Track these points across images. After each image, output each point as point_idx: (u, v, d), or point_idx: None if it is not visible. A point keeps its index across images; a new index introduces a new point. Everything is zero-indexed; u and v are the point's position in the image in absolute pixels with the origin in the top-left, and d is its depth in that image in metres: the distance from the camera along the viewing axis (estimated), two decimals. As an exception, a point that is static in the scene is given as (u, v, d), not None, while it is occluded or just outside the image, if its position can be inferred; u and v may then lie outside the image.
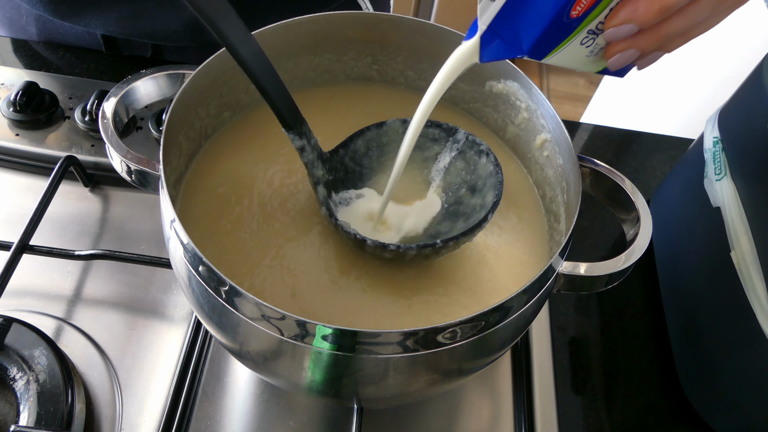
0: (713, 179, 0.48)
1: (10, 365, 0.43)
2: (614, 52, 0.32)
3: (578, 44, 0.32)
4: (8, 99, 0.59)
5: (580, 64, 0.34)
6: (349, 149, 0.43)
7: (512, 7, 0.30)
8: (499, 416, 0.48)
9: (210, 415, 0.46)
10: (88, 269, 0.53)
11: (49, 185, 0.52)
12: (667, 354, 0.54)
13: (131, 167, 0.39)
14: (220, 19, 0.32)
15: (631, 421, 0.50)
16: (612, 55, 0.32)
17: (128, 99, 0.43)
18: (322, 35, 0.47)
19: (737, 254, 0.44)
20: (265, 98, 0.36)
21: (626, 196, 0.41)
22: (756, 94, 0.46)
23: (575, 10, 0.30)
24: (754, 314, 0.42)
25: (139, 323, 0.50)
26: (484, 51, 0.33)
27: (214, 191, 0.43)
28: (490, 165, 0.41)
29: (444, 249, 0.38)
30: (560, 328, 0.54)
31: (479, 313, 0.32)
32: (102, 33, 0.65)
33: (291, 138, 0.38)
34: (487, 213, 0.39)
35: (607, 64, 0.33)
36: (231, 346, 0.37)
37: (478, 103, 0.49)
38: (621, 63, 0.33)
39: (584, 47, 0.32)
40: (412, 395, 0.41)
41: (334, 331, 0.31)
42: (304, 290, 0.39)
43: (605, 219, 0.63)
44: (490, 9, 0.31)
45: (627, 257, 0.38)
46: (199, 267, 0.33)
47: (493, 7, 0.31)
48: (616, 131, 0.72)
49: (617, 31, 0.31)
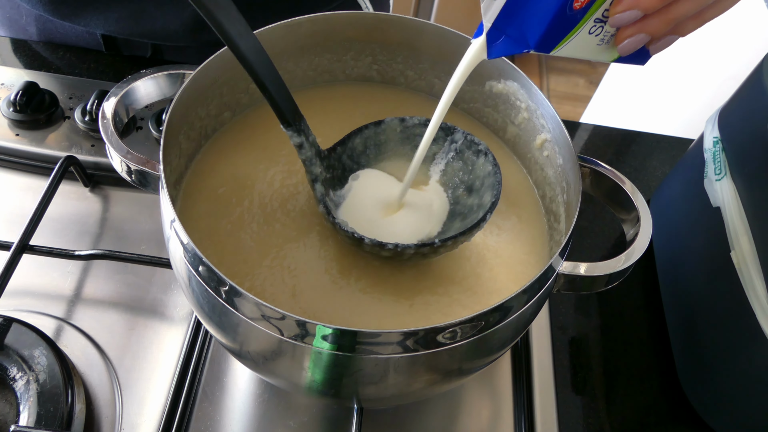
0: (713, 179, 0.48)
1: (10, 365, 0.43)
2: (623, 37, 0.32)
3: (586, 34, 0.32)
4: (8, 99, 0.59)
5: (592, 54, 0.34)
6: (346, 147, 0.43)
7: (514, 5, 0.31)
8: (499, 416, 0.48)
9: (210, 415, 0.46)
10: (88, 269, 0.53)
11: (49, 185, 0.52)
12: (667, 354, 0.54)
13: (131, 167, 0.39)
14: (220, 14, 0.32)
15: (631, 421, 0.50)
16: (621, 40, 0.33)
17: (128, 99, 0.43)
18: (322, 35, 0.47)
19: (737, 254, 0.44)
20: (264, 94, 0.36)
21: (626, 196, 0.41)
22: (756, 94, 0.46)
23: (578, 2, 0.30)
24: (754, 314, 0.42)
25: (139, 323, 0.50)
26: (491, 48, 0.33)
27: (215, 191, 0.43)
28: (489, 165, 0.41)
29: (442, 248, 0.38)
30: (560, 328, 0.54)
31: (479, 313, 0.32)
32: (102, 33, 0.65)
33: (289, 135, 0.38)
34: (485, 213, 0.39)
35: (617, 49, 0.33)
36: (231, 346, 0.37)
37: (478, 103, 0.49)
38: (631, 48, 0.33)
39: (594, 36, 0.33)
40: (412, 395, 0.41)
41: (334, 331, 0.31)
42: (304, 290, 0.39)
43: (605, 219, 0.63)
44: (493, 7, 0.31)
45: (627, 257, 0.38)
46: (199, 267, 0.33)
47: (496, 6, 0.31)
48: (616, 131, 0.72)
49: (622, 17, 0.31)
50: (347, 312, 0.38)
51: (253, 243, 0.41)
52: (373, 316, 0.38)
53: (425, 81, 0.51)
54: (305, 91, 0.49)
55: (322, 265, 0.40)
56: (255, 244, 0.41)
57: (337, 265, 0.40)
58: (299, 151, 0.39)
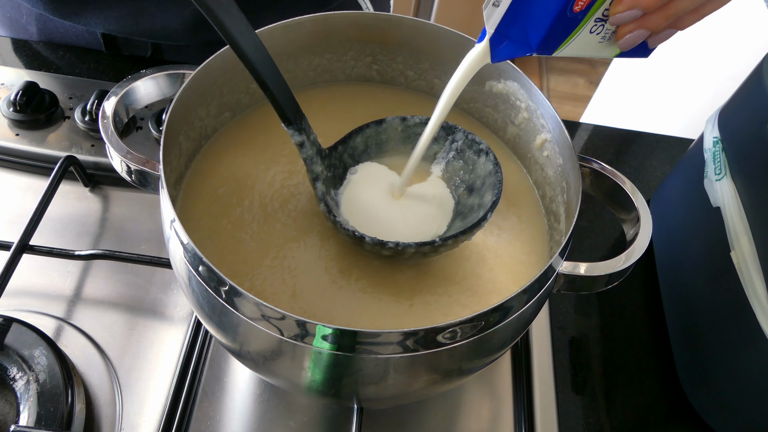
0: (713, 179, 0.48)
1: (10, 365, 0.43)
2: (623, 33, 0.33)
3: (588, 33, 0.33)
4: (8, 99, 0.59)
5: (595, 52, 0.35)
6: (348, 146, 0.43)
7: (516, 11, 0.32)
8: (499, 416, 0.48)
9: (210, 415, 0.46)
10: (88, 269, 0.53)
11: (49, 185, 0.52)
12: (667, 354, 0.54)
13: (131, 167, 0.39)
14: (221, 11, 0.32)
15: (631, 421, 0.50)
16: (622, 36, 0.33)
17: (128, 99, 0.43)
18: (322, 35, 0.47)
19: (737, 254, 0.44)
20: (265, 92, 0.36)
21: (626, 196, 0.41)
22: (756, 94, 0.46)
23: (578, 5, 0.31)
24: (754, 314, 0.42)
25: (139, 323, 0.50)
26: (495, 52, 0.34)
27: (215, 192, 0.43)
28: (490, 164, 0.41)
29: (443, 247, 0.38)
30: (560, 328, 0.54)
31: (479, 313, 0.32)
32: (102, 32, 0.65)
33: (290, 133, 0.38)
34: (486, 212, 0.39)
35: (618, 45, 0.34)
36: (231, 346, 0.37)
37: (478, 103, 0.49)
38: (632, 43, 0.34)
39: (595, 35, 0.33)
40: (412, 395, 0.41)
41: (334, 331, 0.31)
42: (304, 290, 0.39)
43: (605, 219, 0.63)
44: (495, 14, 0.32)
45: (627, 257, 0.38)
46: (199, 267, 0.33)
47: (498, 12, 0.32)
48: (616, 131, 0.72)
49: (623, 16, 0.32)
50: (347, 312, 0.38)
51: (253, 243, 0.41)
52: (373, 316, 0.38)
53: (425, 81, 0.51)
54: (305, 91, 0.49)
55: (322, 265, 0.40)
56: (255, 244, 0.41)
57: (337, 264, 0.40)
58: (300, 150, 0.39)
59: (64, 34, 0.69)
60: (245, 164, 0.45)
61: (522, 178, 0.48)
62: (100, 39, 0.67)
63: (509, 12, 0.32)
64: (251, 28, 0.33)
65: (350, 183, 0.43)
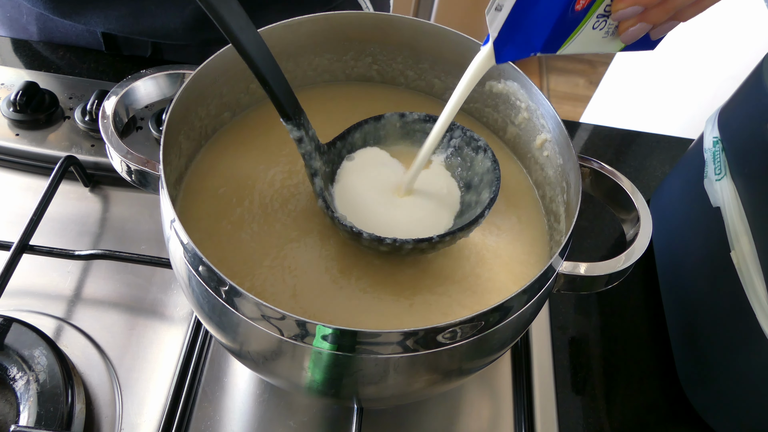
0: (713, 179, 0.48)
1: (10, 365, 0.43)
2: (625, 28, 0.34)
3: (590, 29, 0.33)
4: (8, 99, 0.59)
5: (599, 47, 0.35)
6: (346, 142, 0.43)
7: (518, 15, 0.32)
8: (499, 416, 0.48)
9: (210, 415, 0.46)
10: (88, 269, 0.53)
11: (49, 185, 0.52)
12: (667, 354, 0.54)
13: (131, 167, 0.39)
14: (222, 7, 0.32)
15: (631, 421, 0.50)
16: (624, 30, 0.34)
17: (128, 99, 0.43)
18: (322, 35, 0.47)
19: (737, 254, 0.44)
20: (264, 87, 0.36)
21: (626, 196, 0.41)
22: (756, 94, 0.46)
23: (579, 4, 0.31)
24: (754, 314, 0.42)
25: (139, 323, 0.50)
26: (499, 54, 0.35)
27: (215, 191, 0.43)
28: (488, 161, 0.41)
29: (440, 244, 0.38)
30: (560, 328, 0.54)
31: (479, 313, 0.32)
32: (102, 31, 0.65)
33: (289, 129, 0.38)
34: (483, 209, 0.39)
35: (620, 39, 0.35)
36: (231, 346, 0.37)
37: (478, 103, 0.49)
38: (634, 37, 0.34)
39: (598, 30, 0.34)
40: (412, 395, 0.41)
41: (334, 331, 0.31)
42: (304, 290, 0.39)
43: (605, 219, 0.63)
44: (497, 19, 0.33)
45: (627, 257, 0.38)
46: (199, 267, 0.33)
47: (500, 17, 0.33)
48: (616, 131, 0.72)
49: (625, 12, 0.32)
50: (347, 312, 0.38)
51: (253, 243, 0.41)
52: (373, 315, 0.38)
53: (425, 81, 0.51)
54: (305, 91, 0.49)
55: (322, 264, 0.40)
56: (255, 244, 0.41)
57: (338, 264, 0.40)
58: (299, 145, 0.39)
59: (65, 33, 0.69)
60: (245, 164, 0.45)
61: (522, 178, 0.48)
62: (100, 39, 0.67)
63: (512, 16, 0.32)
64: (251, 23, 0.34)
65: (348, 170, 0.43)
